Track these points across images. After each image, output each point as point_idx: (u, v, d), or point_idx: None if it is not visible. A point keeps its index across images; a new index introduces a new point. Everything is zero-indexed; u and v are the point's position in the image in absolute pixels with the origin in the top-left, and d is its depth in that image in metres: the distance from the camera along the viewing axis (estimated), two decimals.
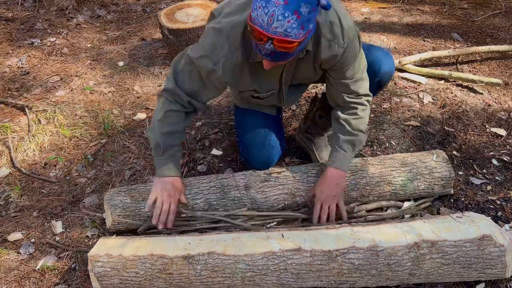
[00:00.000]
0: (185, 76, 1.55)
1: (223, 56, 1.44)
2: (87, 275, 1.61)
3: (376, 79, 1.69)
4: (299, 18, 1.19)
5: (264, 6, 1.18)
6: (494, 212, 1.81)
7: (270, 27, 1.20)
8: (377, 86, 1.74)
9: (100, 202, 1.93)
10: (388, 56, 1.71)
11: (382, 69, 1.68)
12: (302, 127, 2.04)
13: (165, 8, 2.88)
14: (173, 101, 1.57)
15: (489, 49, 2.79)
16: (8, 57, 3.01)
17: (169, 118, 1.58)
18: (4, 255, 1.73)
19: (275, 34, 1.21)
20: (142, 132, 2.31)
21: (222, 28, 1.42)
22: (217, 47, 1.43)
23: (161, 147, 1.59)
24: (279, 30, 1.20)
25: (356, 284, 1.46)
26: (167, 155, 1.61)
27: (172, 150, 1.62)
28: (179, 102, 1.58)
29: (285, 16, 1.18)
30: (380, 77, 1.69)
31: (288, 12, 1.17)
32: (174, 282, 1.45)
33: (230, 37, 1.41)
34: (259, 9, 1.19)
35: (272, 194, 1.73)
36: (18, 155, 2.20)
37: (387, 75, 1.70)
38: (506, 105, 2.42)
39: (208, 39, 1.45)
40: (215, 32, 1.43)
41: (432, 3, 3.63)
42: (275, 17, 1.18)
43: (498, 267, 1.42)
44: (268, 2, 1.18)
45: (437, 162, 1.78)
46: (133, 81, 2.75)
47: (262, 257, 1.43)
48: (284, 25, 1.19)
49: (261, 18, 1.20)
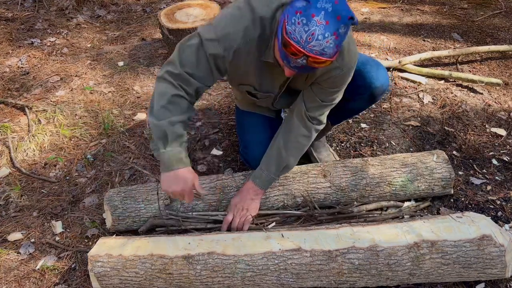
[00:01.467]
0: (193, 59, 1.41)
1: (237, 45, 1.38)
2: (87, 275, 1.61)
3: (367, 93, 1.70)
4: (337, 39, 1.19)
5: (305, 24, 1.17)
6: (494, 212, 1.81)
7: (308, 44, 1.19)
8: (369, 100, 1.74)
9: (100, 202, 1.93)
10: (382, 70, 1.70)
11: (374, 84, 1.67)
12: None
13: (165, 8, 2.88)
14: (178, 86, 1.42)
15: (489, 49, 2.79)
16: (8, 57, 3.01)
17: (175, 105, 1.41)
18: (4, 255, 1.73)
19: (311, 52, 1.20)
20: (142, 132, 2.31)
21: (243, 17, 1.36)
22: (232, 34, 1.37)
23: (168, 137, 1.41)
24: (317, 48, 1.19)
25: (356, 284, 1.46)
26: (175, 145, 1.43)
27: (181, 140, 1.44)
28: (184, 88, 1.43)
29: (325, 37, 1.17)
30: (371, 91, 1.69)
31: (328, 33, 1.17)
32: (174, 282, 1.45)
33: (249, 28, 1.36)
34: (299, 25, 1.18)
35: (272, 194, 1.73)
36: (18, 155, 2.20)
37: (379, 89, 1.70)
38: (506, 105, 2.42)
39: (224, 22, 1.38)
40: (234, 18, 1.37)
41: (432, 3, 3.62)
42: (315, 36, 1.17)
43: (498, 267, 1.42)
44: (309, 20, 1.16)
45: (438, 163, 1.78)
46: (133, 81, 2.75)
47: (262, 257, 1.43)
48: (323, 44, 1.18)
49: (300, 34, 1.18)
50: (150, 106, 1.44)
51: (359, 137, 2.20)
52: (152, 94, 1.45)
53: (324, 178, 1.75)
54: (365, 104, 1.77)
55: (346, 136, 2.21)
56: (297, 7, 1.18)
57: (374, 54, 2.92)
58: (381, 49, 2.97)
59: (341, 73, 1.46)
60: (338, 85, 1.52)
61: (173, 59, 1.43)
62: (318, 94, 1.55)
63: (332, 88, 1.53)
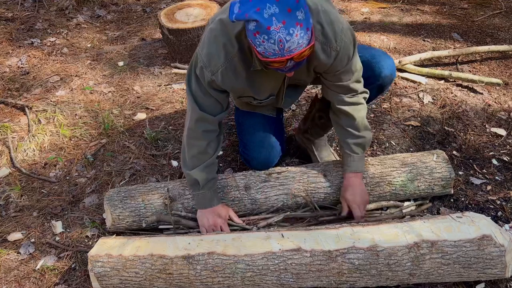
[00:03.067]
0: (202, 96, 1.52)
1: (222, 65, 1.43)
2: (87, 275, 1.61)
3: (376, 83, 1.69)
4: (302, 26, 1.19)
5: (268, 38, 1.18)
6: (494, 212, 1.81)
7: (284, 50, 1.20)
8: (378, 90, 1.73)
9: (100, 202, 1.93)
10: (388, 59, 1.70)
11: (383, 73, 1.67)
12: (302, 128, 2.04)
13: (165, 8, 2.88)
14: (204, 132, 1.57)
15: (489, 49, 2.79)
16: (8, 57, 3.01)
17: (202, 155, 1.60)
18: (4, 255, 1.73)
19: (292, 53, 1.21)
20: (142, 132, 2.31)
21: (217, 36, 1.40)
22: (214, 57, 1.42)
23: (200, 183, 1.61)
24: (293, 47, 1.20)
25: (356, 284, 1.46)
26: (206, 189, 1.63)
27: (211, 183, 1.64)
28: (210, 129, 1.58)
29: (291, 34, 1.18)
30: (381, 81, 1.69)
31: (291, 29, 1.17)
32: (174, 282, 1.45)
33: (227, 45, 1.40)
34: (264, 43, 1.19)
35: (272, 194, 1.73)
36: (18, 155, 2.20)
37: (388, 78, 1.70)
38: (506, 105, 2.41)
39: (205, 49, 1.44)
40: (210, 40, 1.42)
41: (432, 3, 3.63)
42: (284, 40, 1.18)
43: (498, 267, 1.42)
44: (269, 33, 1.17)
45: (437, 163, 1.78)
46: (133, 81, 2.75)
47: (262, 257, 1.43)
48: (295, 40, 1.19)
49: (272, 49, 1.20)
50: (182, 158, 1.65)
51: None
52: (182, 145, 1.64)
53: (324, 178, 1.75)
54: (374, 94, 1.76)
55: None
56: (252, 30, 1.19)
57: None
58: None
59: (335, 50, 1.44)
60: (346, 60, 1.49)
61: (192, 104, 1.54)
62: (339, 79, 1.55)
63: (341, 69, 1.51)
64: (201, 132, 1.57)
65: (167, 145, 2.23)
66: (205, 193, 1.63)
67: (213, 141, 1.61)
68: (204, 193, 1.63)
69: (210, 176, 1.63)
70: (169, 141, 2.25)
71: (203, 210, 1.65)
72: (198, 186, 1.62)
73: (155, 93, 2.63)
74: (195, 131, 1.57)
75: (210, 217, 1.63)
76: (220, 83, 1.47)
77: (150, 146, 2.22)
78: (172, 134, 2.30)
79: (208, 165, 1.62)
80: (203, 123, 1.56)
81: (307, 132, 2.01)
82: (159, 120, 2.40)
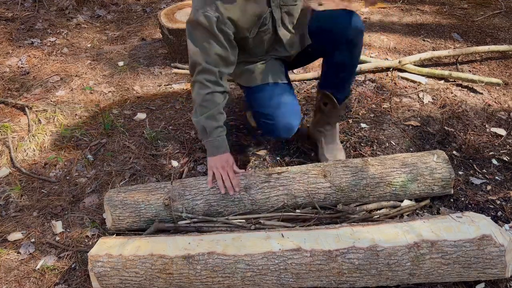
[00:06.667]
0: (205, 45, 1.63)
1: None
2: (87, 275, 1.61)
3: (343, 38, 1.74)
4: None
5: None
6: (494, 212, 1.81)
7: None
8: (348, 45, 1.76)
9: (100, 202, 1.93)
10: (352, 14, 1.76)
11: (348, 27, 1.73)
12: (313, 120, 2.13)
13: (165, 8, 2.88)
14: (207, 81, 1.67)
15: (489, 49, 2.79)
16: (8, 57, 3.01)
17: (208, 102, 1.69)
18: (4, 255, 1.73)
19: None
20: (142, 132, 2.31)
21: None
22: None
23: (207, 130, 1.71)
24: None
25: (356, 284, 1.46)
26: (213, 136, 1.72)
27: (217, 131, 1.73)
28: (212, 80, 1.67)
29: None
30: (347, 35, 1.74)
31: None
32: (174, 282, 1.45)
33: None
34: None
35: (273, 194, 1.73)
36: (18, 155, 2.20)
37: (354, 31, 1.74)
38: (506, 105, 2.42)
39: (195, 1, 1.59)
40: None
41: (432, 3, 3.63)
42: None
43: (498, 267, 1.42)
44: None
45: (438, 163, 1.78)
46: (133, 81, 2.75)
47: (262, 257, 1.43)
48: None
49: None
50: (194, 110, 1.74)
51: (359, 137, 2.20)
52: (193, 99, 1.74)
53: (324, 178, 1.75)
54: (348, 53, 1.79)
55: (346, 136, 2.21)
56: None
57: (374, 54, 2.92)
58: (381, 49, 2.97)
59: None
60: None
61: (195, 58, 1.66)
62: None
63: None
64: (206, 81, 1.67)
65: (167, 145, 2.23)
66: (213, 141, 1.73)
67: (218, 92, 1.70)
68: (212, 140, 1.72)
69: (216, 124, 1.71)
70: (169, 141, 2.25)
71: (212, 157, 1.74)
72: (206, 134, 1.72)
73: (155, 93, 2.63)
74: (200, 82, 1.68)
75: (218, 163, 1.73)
76: (225, 12, 1.59)
77: (150, 146, 2.23)
78: (172, 134, 2.30)
79: (214, 114, 1.70)
80: (207, 75, 1.67)
81: (318, 123, 2.07)
82: (159, 120, 2.41)
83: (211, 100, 1.69)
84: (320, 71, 1.97)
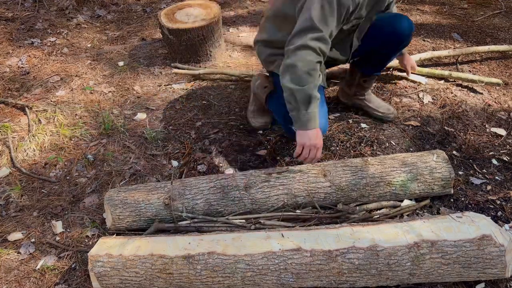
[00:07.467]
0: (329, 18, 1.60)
1: None
2: (87, 275, 1.61)
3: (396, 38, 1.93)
4: None
5: None
6: (494, 212, 1.81)
7: None
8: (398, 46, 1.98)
9: (100, 202, 1.93)
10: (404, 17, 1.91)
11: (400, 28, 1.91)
12: (350, 93, 2.31)
13: (165, 8, 2.88)
14: (321, 51, 1.63)
15: (489, 49, 2.79)
16: (8, 57, 3.01)
17: (315, 72, 1.63)
18: (4, 255, 1.73)
19: None
20: (142, 132, 2.31)
21: None
22: None
23: (311, 100, 1.63)
24: None
25: (356, 284, 1.46)
26: (313, 108, 1.65)
27: (317, 102, 1.67)
28: (324, 52, 1.64)
29: None
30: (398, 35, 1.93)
31: None
32: (174, 282, 1.45)
33: None
34: None
35: (273, 194, 1.73)
36: (18, 155, 2.20)
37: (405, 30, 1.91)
38: (506, 105, 2.42)
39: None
40: None
41: (432, 3, 3.63)
42: None
43: (498, 267, 1.42)
44: None
45: (437, 163, 1.78)
46: (133, 81, 2.75)
47: (262, 257, 1.43)
48: None
49: None
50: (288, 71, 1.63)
51: (359, 137, 2.20)
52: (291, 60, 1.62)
53: (324, 177, 1.75)
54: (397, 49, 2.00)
55: (346, 136, 2.21)
56: None
57: None
58: None
59: None
60: None
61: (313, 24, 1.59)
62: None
63: None
64: (319, 50, 1.62)
65: (167, 145, 2.23)
66: (314, 112, 1.65)
67: (321, 64, 1.68)
68: (314, 112, 1.64)
69: (318, 95, 1.65)
70: (169, 141, 2.25)
71: (304, 131, 1.67)
72: (308, 104, 1.63)
73: (155, 93, 2.63)
74: (313, 48, 1.61)
75: (313, 137, 1.66)
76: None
77: (150, 146, 2.23)
78: (172, 134, 2.30)
79: (317, 84, 1.66)
80: (323, 45, 1.63)
81: (355, 95, 2.29)
82: (159, 120, 2.41)
83: (317, 70, 1.64)
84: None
